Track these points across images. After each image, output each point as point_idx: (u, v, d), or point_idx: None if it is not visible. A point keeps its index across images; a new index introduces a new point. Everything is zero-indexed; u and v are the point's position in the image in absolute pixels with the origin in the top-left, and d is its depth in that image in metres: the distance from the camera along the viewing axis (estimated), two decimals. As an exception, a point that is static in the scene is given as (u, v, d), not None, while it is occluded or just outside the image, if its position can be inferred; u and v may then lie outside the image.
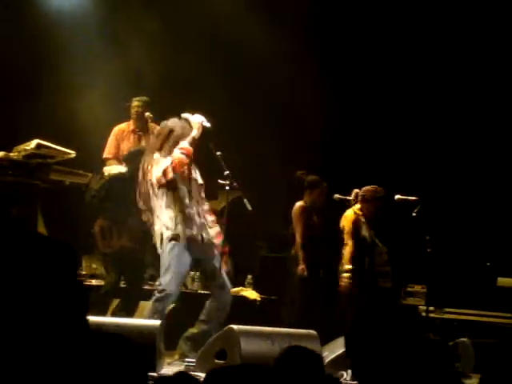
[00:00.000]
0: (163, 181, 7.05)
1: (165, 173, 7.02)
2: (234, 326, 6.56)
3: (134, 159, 8.47)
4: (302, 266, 8.79)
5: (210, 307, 7.25)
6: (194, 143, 7.15)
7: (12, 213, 8.16)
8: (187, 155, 7.08)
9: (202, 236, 7.17)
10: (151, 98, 9.28)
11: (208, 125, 7.22)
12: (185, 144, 7.11)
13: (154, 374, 5.97)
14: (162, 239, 7.09)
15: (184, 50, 10.38)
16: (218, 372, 2.52)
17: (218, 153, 7.28)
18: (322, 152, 10.75)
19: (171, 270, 7.04)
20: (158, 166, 7.08)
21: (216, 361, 6.52)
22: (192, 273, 9.12)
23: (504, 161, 10.89)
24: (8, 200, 8.20)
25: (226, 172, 7.37)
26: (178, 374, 2.41)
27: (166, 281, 7.04)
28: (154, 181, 7.09)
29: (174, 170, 7.03)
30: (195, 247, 7.14)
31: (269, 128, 10.67)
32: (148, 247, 8.15)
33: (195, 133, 7.16)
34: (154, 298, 7.11)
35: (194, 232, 7.13)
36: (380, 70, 11.07)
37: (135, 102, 9.30)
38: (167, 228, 7.07)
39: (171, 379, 2.43)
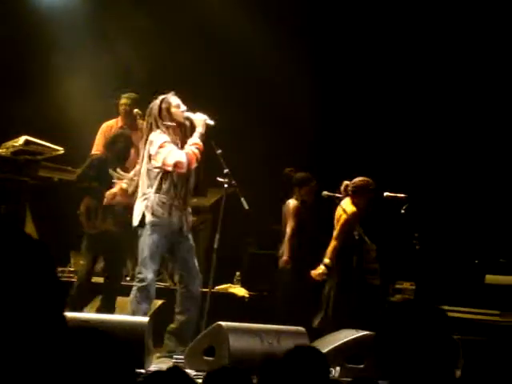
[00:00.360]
0: (170, 170, 7.05)
1: (176, 165, 7.02)
2: (223, 323, 6.56)
3: (115, 144, 8.44)
4: (285, 258, 8.77)
5: (180, 297, 7.23)
6: (203, 139, 7.18)
7: (0, 209, 8.13)
8: (200, 151, 7.11)
9: (182, 223, 7.19)
10: (141, 95, 9.27)
11: (211, 122, 7.23)
12: (196, 140, 7.14)
13: (143, 371, 5.98)
14: (141, 221, 7.07)
15: (175, 46, 10.37)
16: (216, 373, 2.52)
17: (219, 151, 7.29)
18: (312, 150, 10.77)
19: (149, 257, 7.03)
20: (166, 152, 7.03)
21: (204, 357, 6.52)
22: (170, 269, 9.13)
23: (492, 158, 10.92)
24: (-4, 196, 8.17)
25: (226, 170, 7.36)
26: (171, 369, 2.40)
27: (146, 269, 7.03)
28: (159, 164, 7.06)
29: (188, 166, 7.05)
30: (173, 234, 7.15)
31: (259, 126, 10.68)
32: (129, 235, 8.17)
33: (201, 130, 7.18)
34: (135, 287, 7.10)
35: (177, 220, 7.13)
36: (370, 68, 11.09)
37: (123, 99, 9.28)
38: (153, 213, 7.05)
39: (164, 374, 2.43)
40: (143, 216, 7.07)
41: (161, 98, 7.21)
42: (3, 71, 9.90)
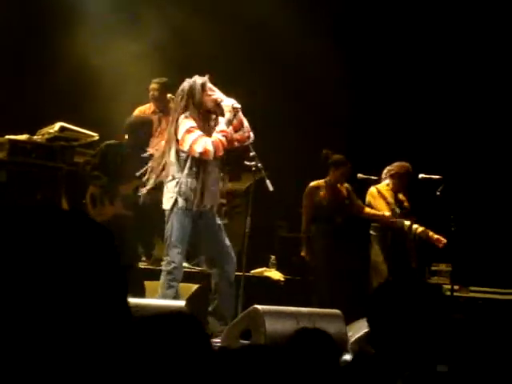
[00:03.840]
0: (197, 156, 7.06)
1: (203, 153, 7.01)
2: (259, 306, 6.57)
3: (135, 129, 8.45)
4: (303, 253, 8.87)
5: (214, 279, 7.25)
6: (230, 125, 7.15)
7: (36, 196, 8.19)
8: (227, 138, 7.09)
9: (212, 206, 7.21)
10: (174, 79, 9.25)
11: (238, 106, 7.20)
12: (223, 126, 7.11)
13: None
14: (173, 205, 7.09)
15: (209, 31, 10.33)
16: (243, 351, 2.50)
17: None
18: (347, 131, 10.72)
19: (178, 241, 7.06)
20: (193, 139, 7.01)
21: (241, 341, 6.53)
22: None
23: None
24: (32, 183, 8.23)
25: (252, 153, 7.36)
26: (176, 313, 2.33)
27: (174, 253, 7.07)
28: (185, 149, 7.07)
29: (215, 154, 7.02)
30: (205, 216, 7.17)
31: (293, 108, 10.64)
32: (141, 217, 8.16)
33: (229, 116, 7.14)
34: (163, 271, 7.14)
35: (208, 204, 7.15)
36: (405, 50, 11.01)
37: (152, 85, 9.22)
38: (186, 199, 7.07)
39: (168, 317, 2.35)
40: (175, 201, 7.09)
41: (192, 80, 7.19)
42: (35, 57, 9.96)
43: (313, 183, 9.00)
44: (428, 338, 2.46)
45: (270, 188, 7.25)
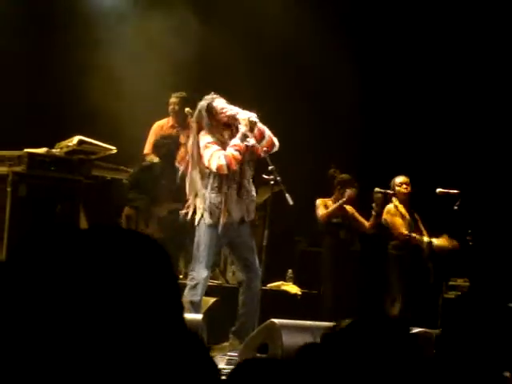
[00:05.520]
0: (214, 171, 7.10)
1: (218, 169, 7.06)
2: (276, 320, 6.56)
3: (163, 146, 8.54)
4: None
5: (242, 298, 7.28)
6: (245, 139, 7.19)
7: (55, 209, 8.23)
8: (240, 152, 7.13)
9: (243, 218, 7.23)
10: (195, 94, 9.28)
11: (256, 120, 7.24)
12: (237, 141, 7.14)
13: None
14: (199, 221, 7.14)
15: (219, 37, 10.35)
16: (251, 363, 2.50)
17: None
18: (363, 147, 10.71)
19: (204, 256, 7.09)
20: (209, 154, 7.08)
21: (258, 355, 6.52)
22: (233, 266, 9.16)
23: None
24: (51, 196, 8.27)
25: (271, 167, 7.37)
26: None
27: (199, 268, 7.10)
28: (206, 164, 7.12)
29: (228, 168, 7.07)
30: (233, 230, 7.19)
31: (309, 121, 10.64)
32: (178, 239, 8.19)
33: (244, 129, 7.17)
34: (187, 286, 7.16)
35: (237, 216, 7.17)
36: (420, 60, 11.00)
37: (172, 99, 9.30)
38: (211, 213, 7.11)
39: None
40: (201, 216, 7.13)
41: (204, 102, 7.24)
42: (54, 71, 10.02)
43: (320, 200, 9.00)
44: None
45: (290, 202, 7.24)
